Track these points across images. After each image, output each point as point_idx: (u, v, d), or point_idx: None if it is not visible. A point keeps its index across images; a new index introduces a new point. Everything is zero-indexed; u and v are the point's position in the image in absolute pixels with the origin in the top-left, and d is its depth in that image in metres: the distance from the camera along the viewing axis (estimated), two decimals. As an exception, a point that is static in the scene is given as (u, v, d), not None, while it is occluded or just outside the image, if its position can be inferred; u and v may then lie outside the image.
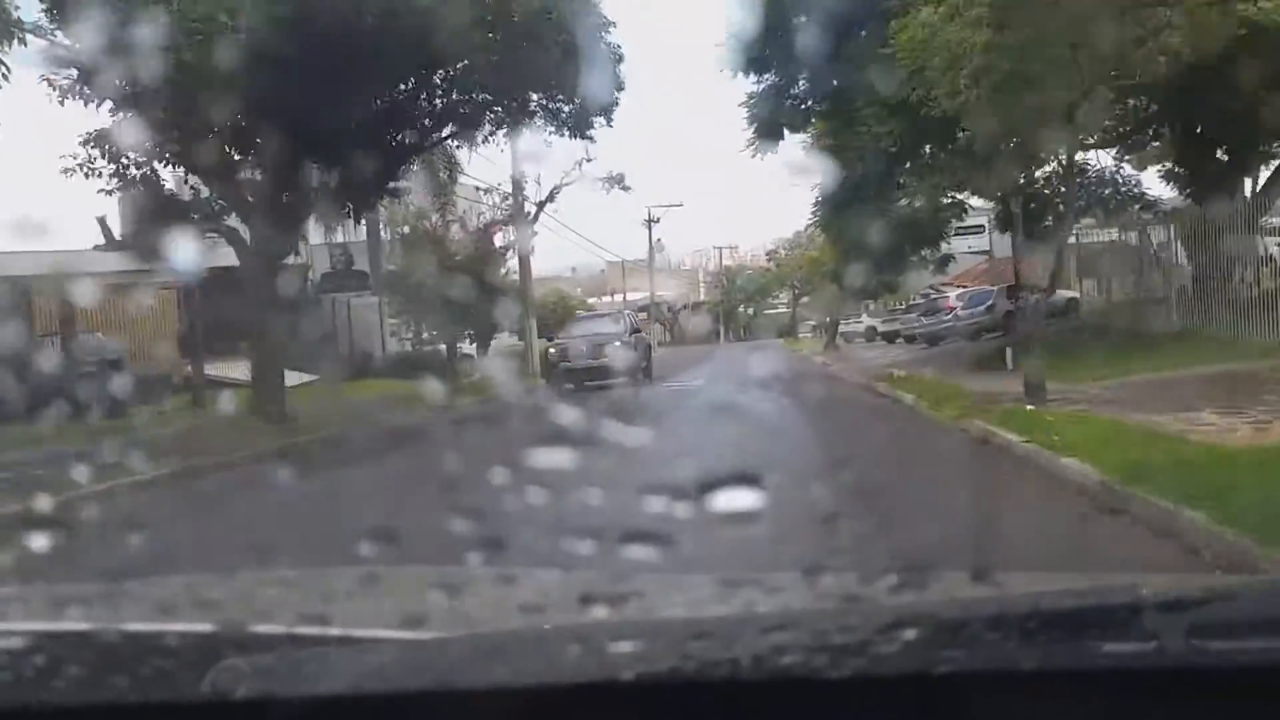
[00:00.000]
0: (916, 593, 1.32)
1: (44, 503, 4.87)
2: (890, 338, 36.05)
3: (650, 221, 55.62)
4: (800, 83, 18.55)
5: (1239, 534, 4.29)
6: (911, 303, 34.07)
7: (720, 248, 66.80)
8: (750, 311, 68.49)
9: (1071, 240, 21.51)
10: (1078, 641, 1.07)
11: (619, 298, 54.98)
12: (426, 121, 16.20)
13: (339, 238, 23.90)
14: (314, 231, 20.34)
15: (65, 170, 14.13)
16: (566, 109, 16.06)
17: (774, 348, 47.02)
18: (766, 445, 9.25)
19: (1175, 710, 1.07)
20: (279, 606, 1.59)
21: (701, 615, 1.36)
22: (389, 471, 9.21)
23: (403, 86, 15.25)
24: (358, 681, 1.07)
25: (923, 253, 22.15)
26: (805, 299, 58.29)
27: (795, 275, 56.98)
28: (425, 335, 24.86)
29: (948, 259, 24.20)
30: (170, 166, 14.90)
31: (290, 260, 17.37)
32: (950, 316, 28.20)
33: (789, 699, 1.06)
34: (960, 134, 14.65)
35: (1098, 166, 21.82)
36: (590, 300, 55.22)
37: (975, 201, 21.14)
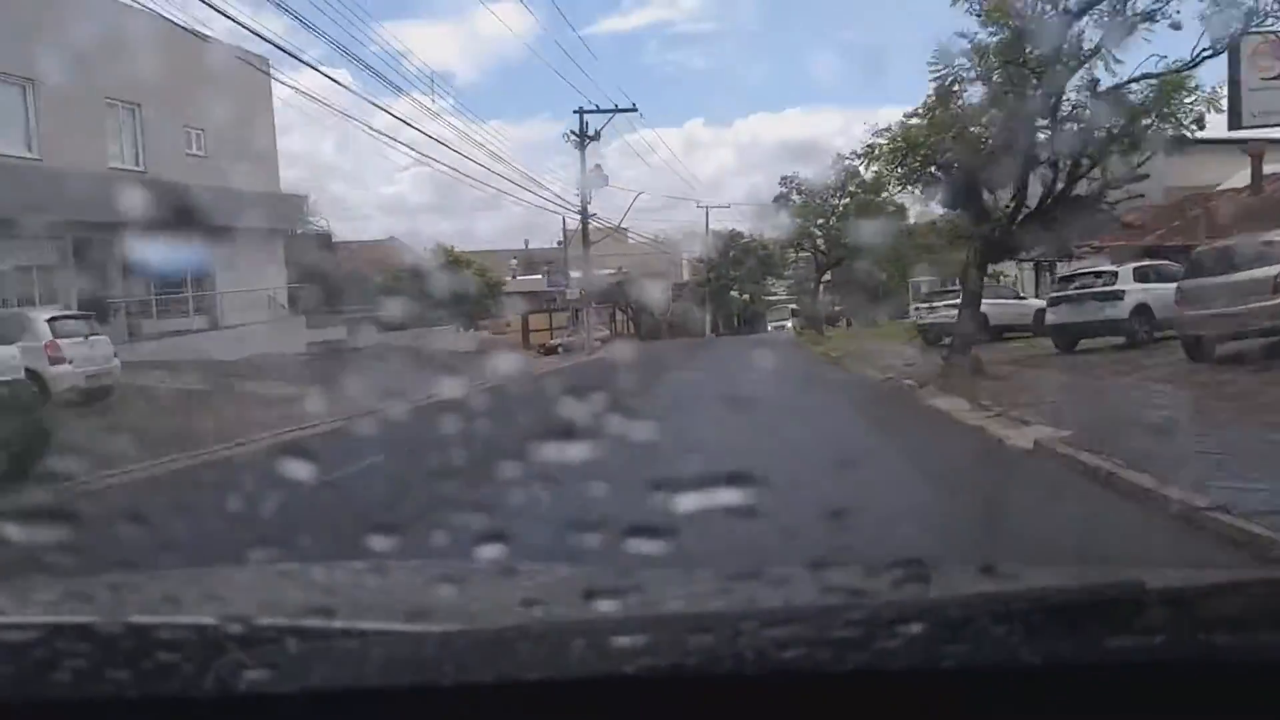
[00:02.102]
0: (920, 587, 1.32)
1: None
2: (1058, 333, 17.83)
3: (583, 135, 31.78)
4: None
5: None
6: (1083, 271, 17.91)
7: (706, 206, 49.24)
8: (746, 296, 53.90)
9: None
10: (1082, 635, 1.08)
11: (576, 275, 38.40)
12: None
13: None
14: None
15: None
16: None
17: (786, 347, 31.18)
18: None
19: (1180, 704, 1.07)
20: (283, 599, 1.59)
21: (704, 609, 1.36)
22: None
23: None
24: (362, 675, 1.07)
25: None
26: (829, 274, 42.20)
27: (821, 224, 38.93)
28: None
29: None
30: None
31: None
32: None
33: (792, 693, 1.07)
34: None
35: None
36: (528, 279, 43.27)
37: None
